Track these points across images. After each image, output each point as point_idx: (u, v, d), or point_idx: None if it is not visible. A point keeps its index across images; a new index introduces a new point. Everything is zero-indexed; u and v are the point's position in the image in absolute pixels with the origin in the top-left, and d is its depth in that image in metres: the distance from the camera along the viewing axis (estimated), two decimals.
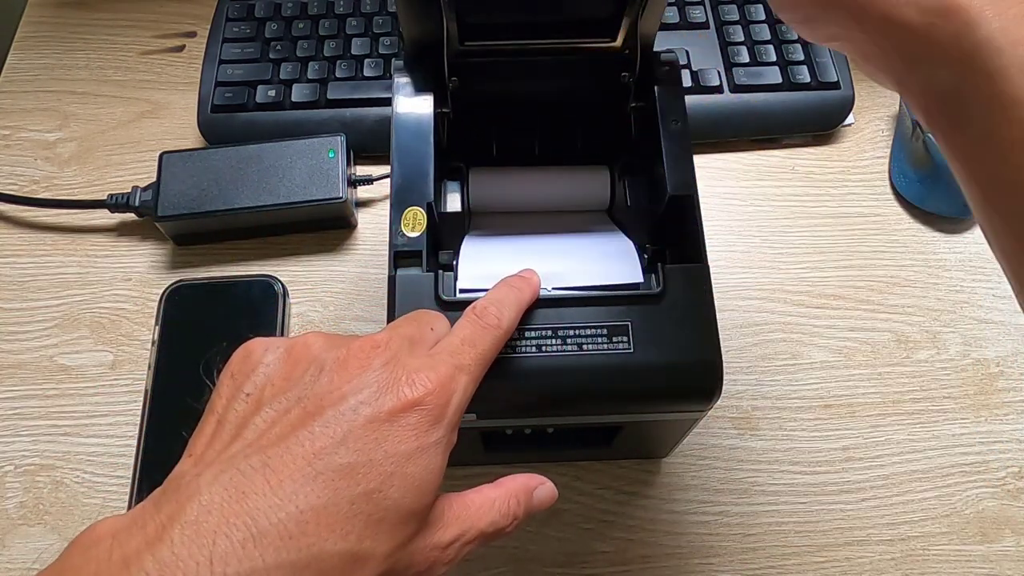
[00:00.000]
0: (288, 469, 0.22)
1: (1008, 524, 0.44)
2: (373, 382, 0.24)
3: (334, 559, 0.21)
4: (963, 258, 0.53)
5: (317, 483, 0.22)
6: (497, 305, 0.29)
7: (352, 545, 0.22)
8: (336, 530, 0.21)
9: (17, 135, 0.57)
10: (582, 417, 0.36)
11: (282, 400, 0.24)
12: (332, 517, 0.21)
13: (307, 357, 0.25)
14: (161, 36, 0.61)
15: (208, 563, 0.19)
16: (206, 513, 0.20)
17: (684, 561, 0.43)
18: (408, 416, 0.24)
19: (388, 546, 0.23)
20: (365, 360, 0.25)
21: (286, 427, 0.23)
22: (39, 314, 0.50)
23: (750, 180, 0.56)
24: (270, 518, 0.21)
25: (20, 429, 0.46)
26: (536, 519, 0.44)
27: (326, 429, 0.23)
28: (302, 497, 0.21)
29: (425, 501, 0.24)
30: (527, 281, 0.32)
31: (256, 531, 0.20)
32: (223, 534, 0.20)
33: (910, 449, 0.47)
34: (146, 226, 0.53)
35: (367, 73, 0.56)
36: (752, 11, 0.58)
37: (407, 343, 0.26)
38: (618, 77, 0.37)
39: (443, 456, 0.25)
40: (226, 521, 0.20)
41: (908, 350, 0.50)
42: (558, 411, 0.35)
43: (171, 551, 0.19)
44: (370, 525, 0.22)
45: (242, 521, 0.20)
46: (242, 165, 0.51)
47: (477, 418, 0.33)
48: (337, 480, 0.22)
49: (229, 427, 0.24)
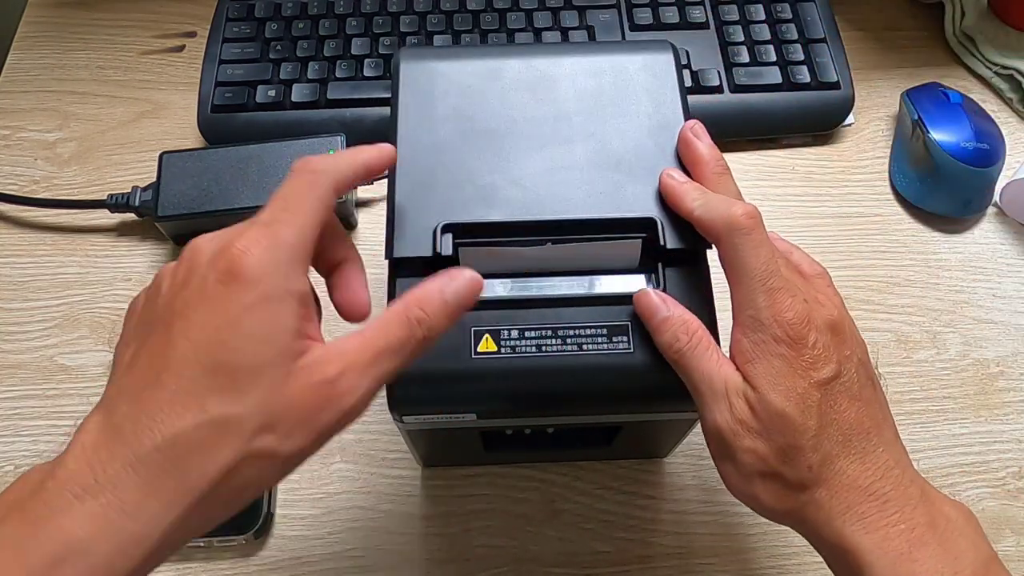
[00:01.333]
0: (142, 388, 0.24)
1: (1008, 524, 0.44)
2: (190, 276, 0.26)
3: (194, 432, 0.23)
4: (963, 258, 0.53)
5: (160, 381, 0.24)
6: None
7: (207, 416, 0.23)
8: (190, 407, 0.23)
9: (17, 135, 0.57)
10: (582, 417, 0.36)
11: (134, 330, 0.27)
12: (181, 400, 0.23)
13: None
14: (161, 36, 0.61)
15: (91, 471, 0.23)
16: (92, 447, 0.23)
17: (684, 561, 0.43)
18: (218, 287, 0.25)
19: (246, 404, 0.24)
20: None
21: (139, 350, 0.25)
22: (39, 314, 0.50)
23: (750, 180, 0.56)
24: (137, 432, 0.23)
25: (20, 429, 0.46)
26: (536, 519, 0.44)
27: (160, 337, 0.25)
28: (150, 398, 0.24)
29: (267, 352, 0.24)
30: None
31: (121, 439, 0.23)
32: (105, 453, 0.23)
33: (910, 449, 0.46)
34: (146, 226, 0.53)
35: (367, 73, 0.56)
36: (752, 11, 0.58)
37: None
38: None
39: (271, 305, 0.25)
40: (107, 449, 0.23)
41: (908, 350, 0.49)
42: (558, 411, 0.35)
43: (65, 469, 0.23)
44: (215, 392, 0.23)
45: (115, 443, 0.23)
46: (242, 165, 0.51)
47: (477, 418, 0.33)
48: (179, 370, 0.24)
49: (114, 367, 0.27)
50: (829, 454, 0.29)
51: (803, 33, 0.57)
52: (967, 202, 0.53)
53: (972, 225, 0.54)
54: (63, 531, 0.22)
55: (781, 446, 0.29)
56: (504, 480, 0.45)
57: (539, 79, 0.38)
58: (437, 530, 0.44)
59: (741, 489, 0.30)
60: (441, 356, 0.32)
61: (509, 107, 0.37)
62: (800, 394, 0.29)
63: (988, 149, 0.53)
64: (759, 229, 0.31)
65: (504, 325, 0.32)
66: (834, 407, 0.29)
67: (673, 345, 0.31)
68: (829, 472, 0.29)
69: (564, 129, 0.37)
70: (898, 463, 0.30)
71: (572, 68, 0.38)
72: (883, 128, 0.58)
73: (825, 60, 0.56)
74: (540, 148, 0.36)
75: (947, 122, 0.53)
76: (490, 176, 0.35)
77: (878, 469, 0.29)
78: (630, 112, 0.37)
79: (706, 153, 0.34)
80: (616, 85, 0.38)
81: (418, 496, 0.45)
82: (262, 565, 0.43)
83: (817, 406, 0.29)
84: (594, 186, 0.35)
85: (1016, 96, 0.59)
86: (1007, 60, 0.59)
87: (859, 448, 0.29)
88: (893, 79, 0.60)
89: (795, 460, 0.29)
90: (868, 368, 0.31)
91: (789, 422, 0.29)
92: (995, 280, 0.52)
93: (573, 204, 0.34)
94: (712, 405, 0.30)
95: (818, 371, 0.29)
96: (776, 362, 0.29)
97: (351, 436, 0.46)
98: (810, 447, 0.29)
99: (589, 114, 0.37)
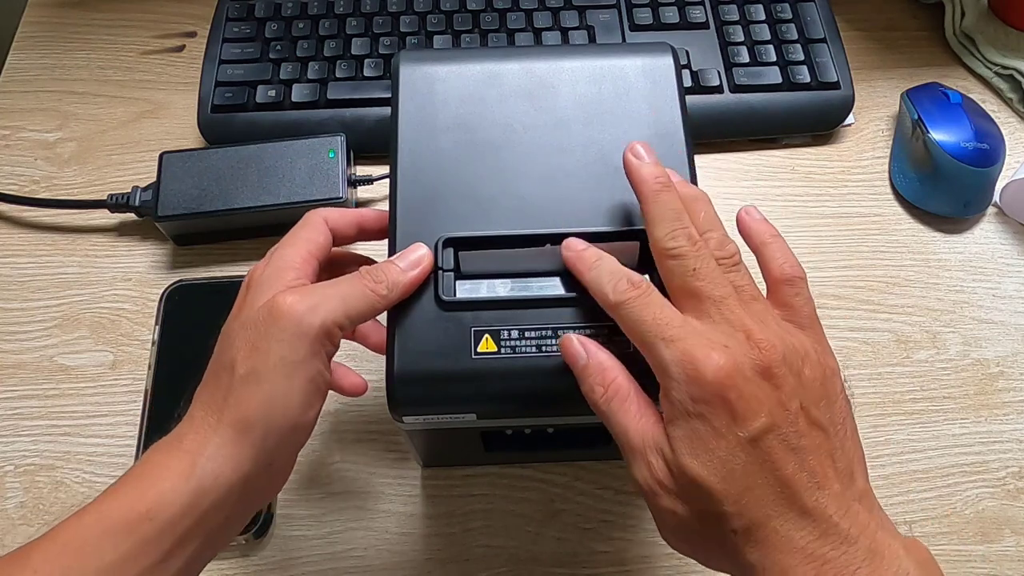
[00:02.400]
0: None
1: (1008, 524, 0.44)
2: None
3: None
4: (963, 258, 0.53)
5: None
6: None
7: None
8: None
9: (17, 135, 0.57)
10: (582, 417, 0.36)
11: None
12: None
13: None
14: (161, 36, 0.61)
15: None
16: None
17: (684, 561, 0.43)
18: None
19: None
20: None
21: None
22: (39, 314, 0.50)
23: (750, 180, 0.56)
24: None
25: (20, 429, 0.46)
26: (536, 519, 0.44)
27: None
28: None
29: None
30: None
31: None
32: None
33: (910, 449, 0.47)
34: (146, 226, 0.53)
35: (367, 73, 0.56)
36: (752, 11, 0.58)
37: None
38: None
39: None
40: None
41: (908, 350, 0.49)
42: (558, 411, 0.35)
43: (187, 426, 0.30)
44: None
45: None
46: (242, 165, 0.51)
47: (477, 418, 0.33)
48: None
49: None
50: (757, 518, 0.26)
51: (803, 33, 0.57)
52: (967, 202, 0.53)
53: (972, 225, 0.54)
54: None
55: (701, 511, 0.27)
56: (504, 480, 0.45)
57: (538, 85, 0.38)
58: (437, 530, 0.44)
59: (670, 543, 0.29)
60: (441, 356, 0.32)
61: (508, 115, 0.37)
62: (721, 459, 0.26)
63: (988, 149, 0.53)
64: (642, 295, 0.29)
65: (504, 325, 0.33)
66: (766, 464, 0.26)
67: (590, 396, 0.30)
68: (760, 535, 0.26)
69: (563, 138, 0.37)
70: (847, 514, 0.26)
71: (572, 74, 0.38)
72: (883, 128, 0.58)
73: (825, 60, 0.56)
74: (539, 157, 0.36)
75: (947, 122, 0.53)
76: (490, 188, 0.35)
77: (818, 527, 0.26)
78: (629, 119, 0.37)
79: (644, 172, 0.32)
80: (616, 92, 0.38)
81: (418, 496, 0.45)
82: (262, 565, 0.43)
83: (742, 468, 0.26)
84: (593, 196, 0.35)
85: (1016, 96, 0.59)
86: (1007, 60, 0.59)
87: (798, 505, 0.26)
88: (893, 79, 0.60)
89: (717, 525, 0.27)
90: (816, 409, 0.27)
91: (706, 490, 0.26)
92: (995, 280, 0.52)
93: (571, 215, 0.35)
94: (631, 460, 0.29)
95: (745, 427, 0.26)
96: (695, 423, 0.27)
97: (351, 436, 0.46)
98: (733, 513, 0.26)
99: (588, 122, 0.37)
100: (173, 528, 0.28)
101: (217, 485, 0.28)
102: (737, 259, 0.31)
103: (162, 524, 0.27)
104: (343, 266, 0.38)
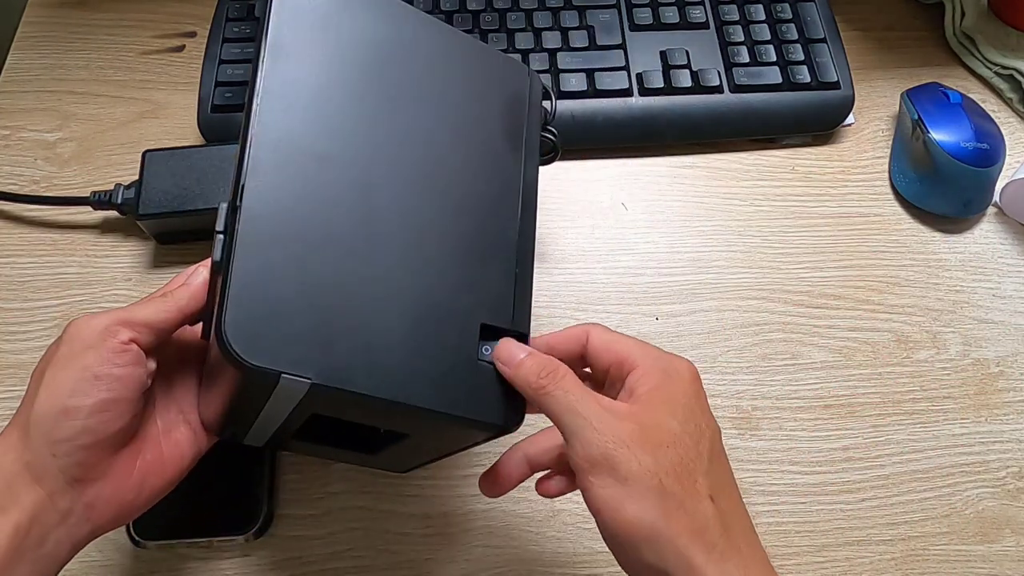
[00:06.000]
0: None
1: (1008, 524, 0.44)
2: None
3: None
4: (963, 258, 0.53)
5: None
6: None
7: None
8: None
9: (17, 135, 0.57)
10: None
11: None
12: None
13: None
14: (161, 36, 0.61)
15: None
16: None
17: None
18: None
19: None
20: None
21: None
22: (39, 314, 0.50)
23: (750, 180, 0.56)
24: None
25: None
26: (536, 519, 0.44)
27: None
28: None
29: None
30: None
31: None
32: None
33: (910, 449, 0.47)
34: (129, 224, 0.52)
35: None
36: (752, 11, 0.58)
37: None
38: None
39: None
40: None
41: (908, 350, 0.50)
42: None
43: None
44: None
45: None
46: (226, 164, 0.50)
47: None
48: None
49: None
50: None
51: (803, 33, 0.57)
52: (967, 202, 0.53)
53: (972, 225, 0.54)
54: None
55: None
56: None
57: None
58: (437, 530, 0.44)
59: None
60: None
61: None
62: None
63: (988, 149, 0.53)
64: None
65: None
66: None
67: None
68: None
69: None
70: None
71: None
72: (883, 128, 0.58)
73: (825, 60, 0.56)
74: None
75: (947, 122, 0.53)
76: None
77: None
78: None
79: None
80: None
81: (418, 496, 0.45)
82: (262, 565, 0.43)
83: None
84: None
85: (1016, 96, 0.59)
86: (1007, 60, 0.59)
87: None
88: (893, 79, 0.60)
89: None
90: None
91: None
92: (995, 280, 0.52)
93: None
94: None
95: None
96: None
97: None
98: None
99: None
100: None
101: (12, 493, 0.30)
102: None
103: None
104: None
